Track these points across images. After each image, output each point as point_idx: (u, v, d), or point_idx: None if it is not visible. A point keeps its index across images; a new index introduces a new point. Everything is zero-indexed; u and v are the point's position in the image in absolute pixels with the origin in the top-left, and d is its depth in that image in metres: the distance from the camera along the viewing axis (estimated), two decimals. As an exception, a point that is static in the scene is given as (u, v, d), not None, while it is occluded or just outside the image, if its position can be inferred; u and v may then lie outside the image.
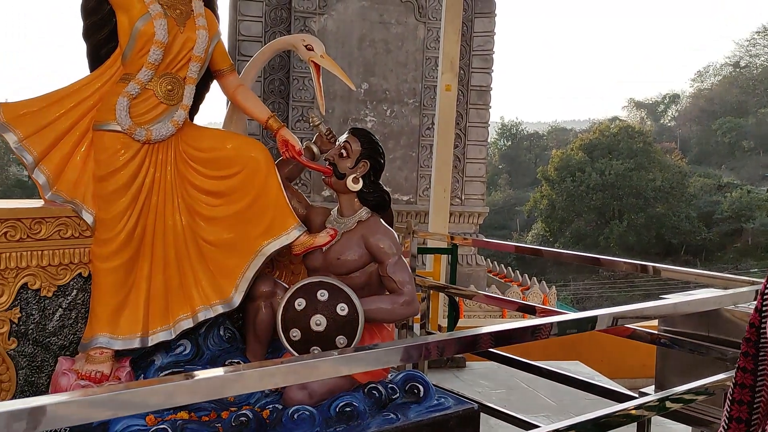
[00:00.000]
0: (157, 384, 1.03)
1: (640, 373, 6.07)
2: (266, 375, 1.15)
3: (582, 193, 33.62)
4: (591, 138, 36.68)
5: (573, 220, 34.67)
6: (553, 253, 4.07)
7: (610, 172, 33.20)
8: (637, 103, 55.75)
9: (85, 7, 2.54)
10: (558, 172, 34.79)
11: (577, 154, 35.27)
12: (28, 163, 2.52)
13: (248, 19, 10.04)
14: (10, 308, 2.40)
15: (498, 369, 5.07)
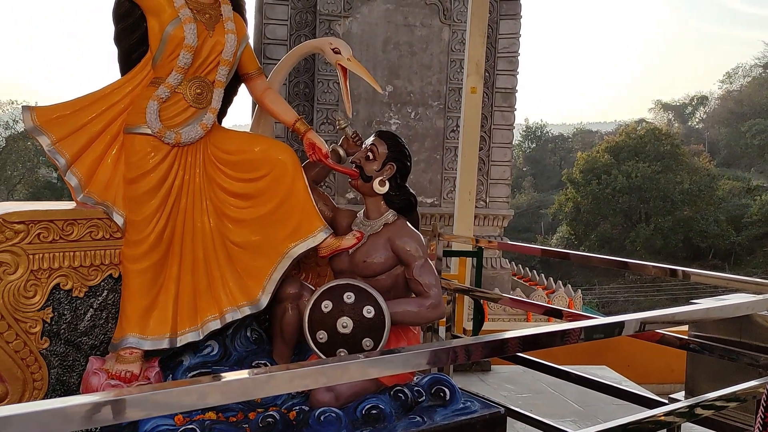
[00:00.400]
0: (190, 385, 1.04)
1: (668, 378, 6.00)
2: (297, 377, 1.16)
3: (608, 196, 33.24)
4: (617, 140, 36.27)
5: (599, 223, 34.30)
6: (581, 257, 4.03)
7: (636, 174, 32.80)
8: (664, 104, 55.03)
9: (116, 12, 2.58)
10: (583, 175, 34.45)
11: (602, 157, 34.90)
12: (60, 166, 2.56)
13: (273, 23, 10.12)
14: (42, 308, 2.44)
15: (523, 373, 5.03)
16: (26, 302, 2.40)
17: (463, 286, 4.48)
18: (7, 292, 2.36)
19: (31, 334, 2.42)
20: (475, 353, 1.67)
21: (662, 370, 6.12)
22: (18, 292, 2.38)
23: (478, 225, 10.39)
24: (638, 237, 32.54)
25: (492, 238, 10.68)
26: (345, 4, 10.19)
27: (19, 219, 2.37)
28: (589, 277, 31.74)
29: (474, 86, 5.59)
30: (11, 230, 2.36)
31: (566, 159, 46.90)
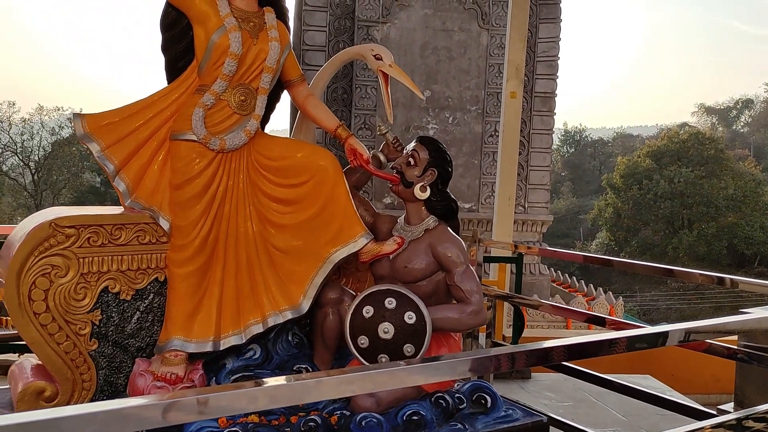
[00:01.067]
0: (240, 389, 1.06)
1: (714, 388, 5.85)
2: (344, 382, 1.17)
3: (649, 202, 32.62)
4: (659, 144, 35.59)
5: (640, 229, 33.67)
6: (624, 264, 3.96)
7: (679, 179, 32.14)
8: (707, 108, 53.87)
9: (164, 22, 2.64)
10: (624, 180, 33.88)
11: (644, 161, 34.29)
12: (109, 172, 2.62)
13: (313, 29, 10.22)
14: (91, 311, 2.50)
15: (564, 381, 4.97)
16: (76, 305, 2.46)
17: (502, 293, 4.45)
18: (59, 295, 2.42)
19: (80, 335, 2.48)
20: (519, 361, 1.66)
21: (708, 380, 5.98)
22: (69, 294, 2.44)
23: (517, 231, 10.32)
24: (681, 243, 31.86)
25: (531, 243, 10.58)
26: (383, 10, 10.24)
27: (70, 223, 2.43)
28: (629, 283, 31.17)
29: (514, 91, 5.55)
30: (63, 234, 2.42)
31: (606, 164, 46.21)
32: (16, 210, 35.09)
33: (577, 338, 1.69)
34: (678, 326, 1.97)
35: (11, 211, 34.41)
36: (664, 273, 3.49)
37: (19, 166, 35.25)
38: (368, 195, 10.15)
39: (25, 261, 2.37)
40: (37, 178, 34.40)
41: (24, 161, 34.69)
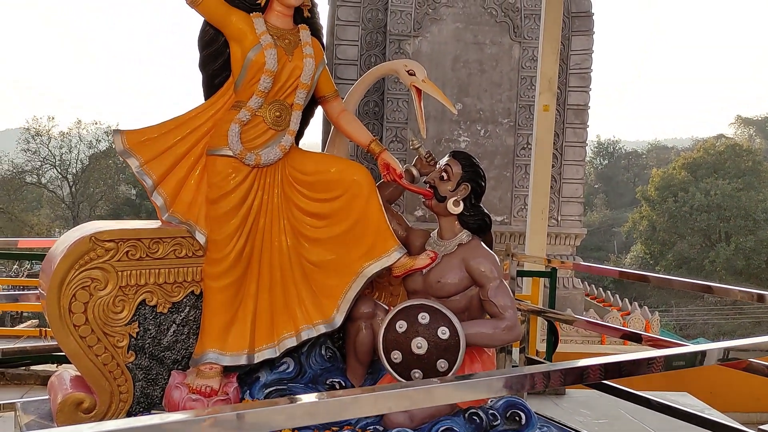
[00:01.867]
0: (279, 405, 1.07)
1: (754, 407, 5.70)
2: (381, 399, 1.17)
3: (685, 214, 32.01)
4: (695, 156, 34.96)
5: (675, 243, 33.03)
6: (661, 280, 3.89)
7: (716, 192, 31.50)
8: (744, 119, 52.77)
9: (201, 40, 2.69)
10: (659, 192, 33.33)
11: (679, 174, 33.70)
12: (147, 186, 2.67)
13: (345, 44, 10.30)
14: (129, 323, 2.54)
15: (600, 397, 4.88)
16: (114, 317, 2.51)
17: (536, 308, 4.41)
18: (98, 307, 2.47)
19: (118, 348, 2.52)
20: (554, 380, 1.64)
21: (748, 398, 5.83)
22: (107, 307, 2.49)
23: (550, 244, 10.20)
24: (718, 257, 31.16)
25: (564, 257, 10.47)
26: (415, 24, 10.28)
27: (109, 237, 2.49)
28: (665, 298, 30.58)
29: (546, 104, 5.52)
30: (102, 248, 2.48)
31: (640, 176, 45.54)
32: (54, 222, 35.91)
33: (613, 357, 1.67)
34: (717, 345, 1.94)
35: (49, 222, 35.23)
36: (702, 289, 3.42)
37: (58, 178, 36.08)
38: (400, 208, 10.16)
39: (65, 274, 2.42)
40: (74, 190, 35.16)
41: (62, 174, 35.50)
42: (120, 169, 33.62)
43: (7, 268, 25.10)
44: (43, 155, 35.26)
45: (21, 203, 34.74)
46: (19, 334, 5.97)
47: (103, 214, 33.85)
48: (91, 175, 35.38)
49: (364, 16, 10.37)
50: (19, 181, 34.69)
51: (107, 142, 35.14)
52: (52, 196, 36.27)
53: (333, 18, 10.40)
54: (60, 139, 35.73)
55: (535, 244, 5.52)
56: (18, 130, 37.81)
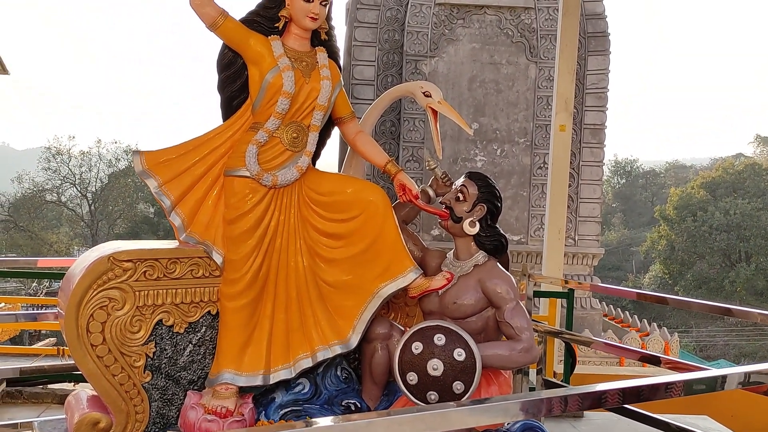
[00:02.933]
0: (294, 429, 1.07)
1: (777, 433, 5.58)
2: (395, 423, 1.16)
3: (704, 234, 31.67)
4: (713, 176, 34.68)
5: (695, 263, 32.66)
6: (680, 302, 3.84)
7: (735, 211, 31.17)
8: (763, 138, 52.27)
9: (220, 62, 2.73)
10: (677, 212, 33.04)
11: (698, 193, 33.41)
12: (166, 207, 2.69)
13: (362, 64, 10.38)
14: (146, 343, 2.55)
15: (618, 420, 4.81)
16: (131, 337, 2.52)
17: (553, 329, 4.37)
18: (115, 327, 2.49)
19: (134, 367, 2.53)
20: (571, 405, 1.63)
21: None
22: (124, 327, 2.51)
23: (567, 264, 10.14)
24: (738, 277, 30.75)
25: (582, 277, 10.39)
26: (431, 45, 10.35)
27: (128, 257, 2.51)
28: (685, 318, 30.18)
29: (563, 124, 5.52)
30: (120, 268, 2.50)
31: (658, 195, 45.20)
32: (73, 239, 36.32)
33: (631, 381, 1.65)
34: (738, 369, 1.91)
35: (68, 240, 35.64)
36: (721, 312, 3.38)
37: (77, 197, 36.53)
38: (416, 227, 10.16)
39: (84, 294, 2.44)
40: (93, 208, 35.58)
41: (82, 192, 35.95)
42: (138, 187, 33.98)
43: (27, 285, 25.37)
44: (63, 174, 35.77)
45: (41, 221, 35.21)
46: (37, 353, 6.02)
47: (121, 233, 34.18)
48: (110, 194, 35.80)
49: (381, 36, 10.46)
50: (40, 199, 35.18)
51: (126, 160, 35.60)
52: (72, 215, 36.71)
53: (350, 39, 10.49)
54: (80, 158, 36.24)
55: (552, 264, 5.49)
56: (39, 149, 38.40)
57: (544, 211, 7.72)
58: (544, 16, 10.37)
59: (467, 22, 10.43)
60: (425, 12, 10.36)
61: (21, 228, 33.16)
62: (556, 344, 5.00)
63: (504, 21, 10.44)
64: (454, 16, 10.43)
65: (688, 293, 30.95)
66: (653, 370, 5.44)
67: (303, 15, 2.65)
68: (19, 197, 35.31)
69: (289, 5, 2.67)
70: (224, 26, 2.61)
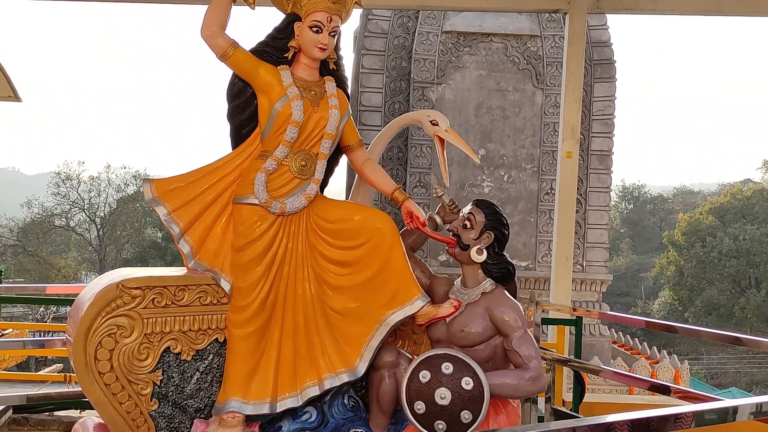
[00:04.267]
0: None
1: (791, 463, 5.48)
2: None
3: (713, 260, 31.48)
4: (722, 201, 34.59)
5: (704, 289, 32.43)
6: (689, 331, 3.81)
7: (744, 237, 31.00)
8: (772, 164, 52.15)
9: (230, 91, 2.76)
10: (686, 237, 32.90)
11: (706, 218, 33.29)
12: (174, 234, 2.71)
13: (369, 90, 10.47)
14: (153, 371, 2.55)
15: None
16: (139, 365, 2.52)
17: (562, 357, 4.34)
18: (123, 355, 2.49)
19: (142, 395, 2.53)
20: (581, 435, 1.61)
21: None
22: (132, 354, 2.51)
23: (575, 290, 10.09)
24: (748, 304, 30.48)
25: (590, 303, 10.33)
26: (438, 72, 10.44)
27: (136, 285, 2.52)
28: (695, 345, 29.87)
29: (570, 151, 5.54)
30: (129, 295, 2.51)
31: (666, 220, 45.05)
32: (81, 264, 36.42)
33: (641, 412, 1.63)
34: (750, 400, 1.90)
35: (76, 265, 35.73)
36: (731, 341, 3.34)
37: (86, 221, 36.69)
38: (423, 252, 10.15)
39: (93, 321, 2.45)
40: (102, 233, 35.70)
41: (90, 217, 36.11)
42: (146, 212, 34.12)
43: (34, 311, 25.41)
44: (73, 199, 35.98)
45: (49, 246, 35.33)
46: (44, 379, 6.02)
47: (129, 257, 34.27)
48: (118, 219, 35.95)
49: (389, 64, 10.56)
50: (48, 224, 35.35)
51: (135, 185, 35.82)
52: (80, 240, 36.84)
53: (358, 66, 10.60)
54: (89, 183, 36.48)
55: (560, 291, 5.46)
56: (49, 174, 38.71)
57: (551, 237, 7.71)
58: (550, 43, 10.46)
59: (474, 49, 10.52)
60: (432, 40, 10.47)
61: (29, 253, 33.28)
62: (565, 372, 4.95)
63: (510, 48, 10.53)
64: (461, 43, 10.53)
65: (698, 320, 30.71)
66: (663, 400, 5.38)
67: (312, 45, 2.69)
68: (28, 222, 35.51)
69: (298, 36, 2.71)
70: (234, 56, 2.65)
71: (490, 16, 10.38)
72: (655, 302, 36.30)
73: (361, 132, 3.02)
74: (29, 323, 18.51)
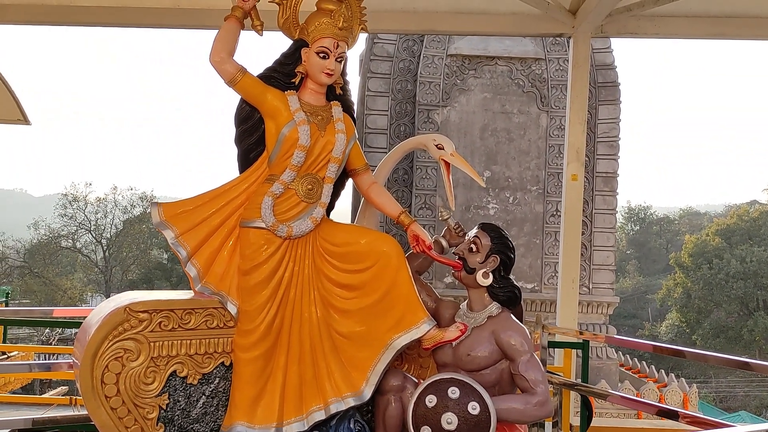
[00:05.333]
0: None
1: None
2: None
3: (721, 282, 31.26)
4: (728, 223, 34.44)
5: (712, 311, 32.16)
6: (696, 355, 3.79)
7: (751, 259, 30.81)
8: (779, 185, 52.05)
9: (238, 116, 2.79)
10: (693, 259, 32.71)
11: (713, 240, 33.13)
12: (182, 258, 2.72)
13: (375, 113, 10.54)
14: (159, 395, 2.55)
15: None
16: (145, 388, 2.52)
17: (569, 381, 4.31)
18: (129, 379, 2.49)
19: (148, 419, 2.52)
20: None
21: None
22: (138, 378, 2.51)
23: (582, 312, 10.03)
24: (757, 326, 30.20)
25: (597, 326, 10.28)
26: (443, 95, 10.50)
27: (143, 308, 2.53)
28: (704, 369, 29.57)
29: (575, 174, 5.55)
30: (136, 319, 2.51)
31: (673, 242, 44.84)
32: (87, 285, 36.46)
33: (650, 438, 1.62)
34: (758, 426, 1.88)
35: (82, 286, 35.77)
36: (738, 365, 3.32)
37: (92, 243, 36.78)
38: (429, 274, 10.14)
39: (100, 344, 2.46)
40: (108, 254, 35.77)
41: (96, 239, 36.21)
42: (152, 233, 34.20)
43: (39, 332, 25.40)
44: (79, 220, 36.12)
45: (56, 267, 35.40)
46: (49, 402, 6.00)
47: (135, 279, 34.28)
48: (124, 240, 36.03)
49: (394, 87, 10.64)
50: (55, 245, 35.46)
51: (141, 207, 35.96)
52: (86, 261, 36.91)
53: (363, 89, 10.68)
54: (96, 205, 36.64)
55: (566, 314, 5.44)
56: (56, 195, 38.92)
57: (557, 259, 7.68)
58: (555, 66, 10.53)
59: (479, 72, 10.59)
60: (437, 63, 10.55)
61: (35, 274, 33.35)
62: (572, 396, 4.92)
63: (515, 71, 10.60)
64: (466, 66, 10.61)
65: (706, 342, 30.43)
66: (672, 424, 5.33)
67: (319, 71, 2.73)
68: (35, 243, 35.63)
69: (305, 61, 2.75)
70: (242, 82, 2.68)
71: (495, 40, 10.47)
72: (662, 324, 36.02)
73: (367, 154, 3.04)
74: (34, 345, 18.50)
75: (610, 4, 5.20)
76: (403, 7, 5.90)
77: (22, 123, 7.69)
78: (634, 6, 5.54)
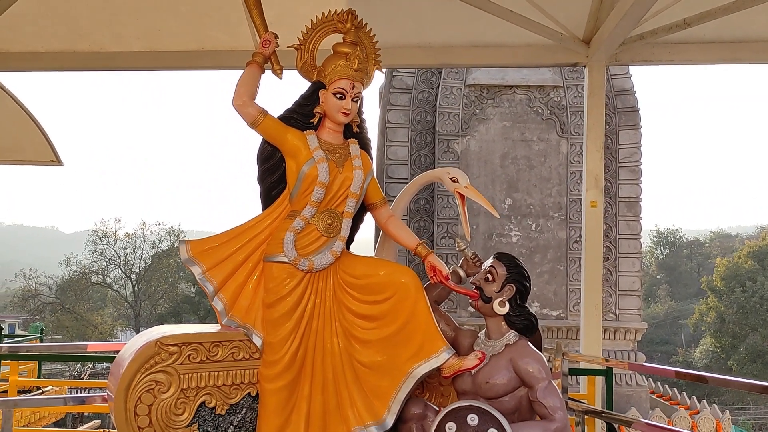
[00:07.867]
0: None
1: None
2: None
3: (755, 305, 30.59)
4: (760, 245, 33.80)
5: (747, 335, 31.41)
6: (719, 381, 3.76)
7: (785, 281, 30.14)
8: (810, 205, 50.99)
9: (260, 156, 2.93)
10: (725, 282, 32.09)
11: (745, 262, 32.51)
12: (209, 292, 2.84)
13: (395, 144, 10.67)
14: (189, 425, 2.65)
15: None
16: (176, 419, 2.62)
17: (593, 408, 4.31)
18: (160, 410, 2.60)
19: (178, 450, 2.62)
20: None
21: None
22: (169, 409, 2.61)
23: (609, 339, 9.95)
24: (794, 350, 29.43)
25: (625, 353, 10.16)
26: (463, 124, 10.62)
27: (173, 342, 2.64)
28: (740, 395, 28.81)
29: (594, 200, 5.60)
30: (167, 352, 2.63)
31: (704, 265, 44.04)
32: (117, 320, 36.90)
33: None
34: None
35: (112, 321, 36.22)
36: (762, 390, 3.31)
37: (122, 278, 37.34)
38: (453, 303, 10.14)
39: (133, 377, 2.57)
40: (137, 289, 36.25)
41: (126, 273, 36.76)
42: (180, 267, 34.61)
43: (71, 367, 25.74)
44: (109, 256, 36.73)
45: (87, 303, 35.96)
46: (83, 436, 6.11)
47: (163, 312, 34.65)
48: (153, 275, 36.52)
49: (414, 118, 10.79)
50: (86, 281, 36.06)
51: (169, 241, 36.50)
52: (116, 296, 37.43)
53: (383, 121, 10.84)
54: (125, 240, 37.25)
55: (590, 341, 5.44)
56: (86, 232, 39.66)
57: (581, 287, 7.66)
58: (573, 93, 10.61)
59: (497, 101, 10.71)
60: (456, 93, 10.69)
61: (67, 309, 33.90)
62: (597, 425, 4.90)
63: (533, 99, 10.69)
64: (484, 96, 10.73)
65: (743, 368, 29.68)
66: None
67: (336, 111, 2.86)
68: (66, 279, 36.27)
69: (323, 102, 2.88)
70: (264, 124, 2.82)
71: (513, 69, 10.58)
72: (696, 350, 35.25)
73: (388, 185, 3.15)
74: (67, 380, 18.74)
75: (623, 33, 5.29)
76: (419, 43, 6.05)
77: (55, 164, 7.96)
78: (648, 34, 5.62)
